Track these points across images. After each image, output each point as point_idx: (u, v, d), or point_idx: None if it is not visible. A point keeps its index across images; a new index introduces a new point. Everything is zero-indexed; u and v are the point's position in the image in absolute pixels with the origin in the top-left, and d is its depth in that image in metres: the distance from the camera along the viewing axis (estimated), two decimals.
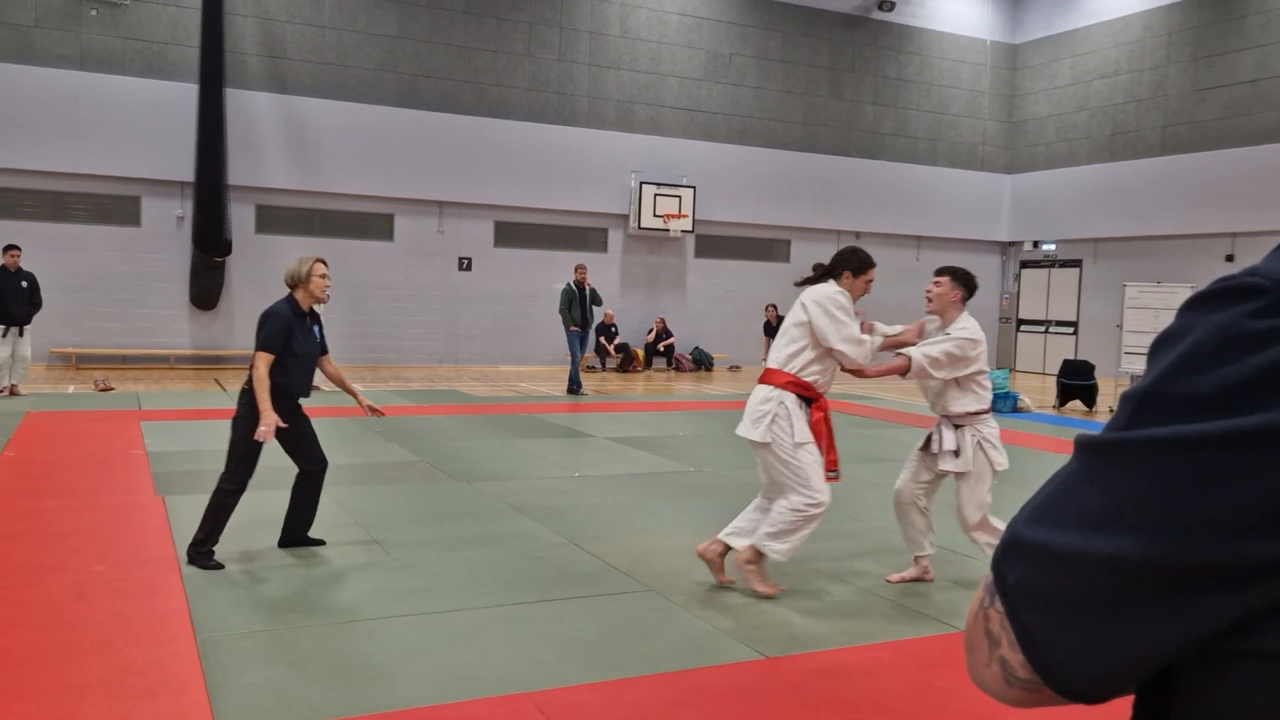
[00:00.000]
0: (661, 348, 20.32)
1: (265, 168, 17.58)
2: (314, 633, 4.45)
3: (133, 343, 17.08)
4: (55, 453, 8.60)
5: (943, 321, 5.45)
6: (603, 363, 19.79)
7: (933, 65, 23.05)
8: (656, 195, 20.05)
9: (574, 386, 15.06)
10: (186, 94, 16.82)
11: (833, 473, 5.08)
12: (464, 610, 4.84)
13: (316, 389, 14.64)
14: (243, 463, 5.45)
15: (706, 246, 21.19)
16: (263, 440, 5.37)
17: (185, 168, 16.89)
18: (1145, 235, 20.70)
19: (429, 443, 9.81)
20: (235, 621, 4.56)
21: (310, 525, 5.85)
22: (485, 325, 19.40)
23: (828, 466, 5.05)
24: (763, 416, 5.06)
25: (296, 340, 5.55)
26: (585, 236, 20.16)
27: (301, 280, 5.68)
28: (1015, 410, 14.38)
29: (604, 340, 19.48)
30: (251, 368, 5.49)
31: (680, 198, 20.24)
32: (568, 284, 15.32)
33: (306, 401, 5.75)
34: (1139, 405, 0.69)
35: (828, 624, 4.82)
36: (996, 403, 14.49)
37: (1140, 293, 19.85)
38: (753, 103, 21.31)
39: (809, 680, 4.10)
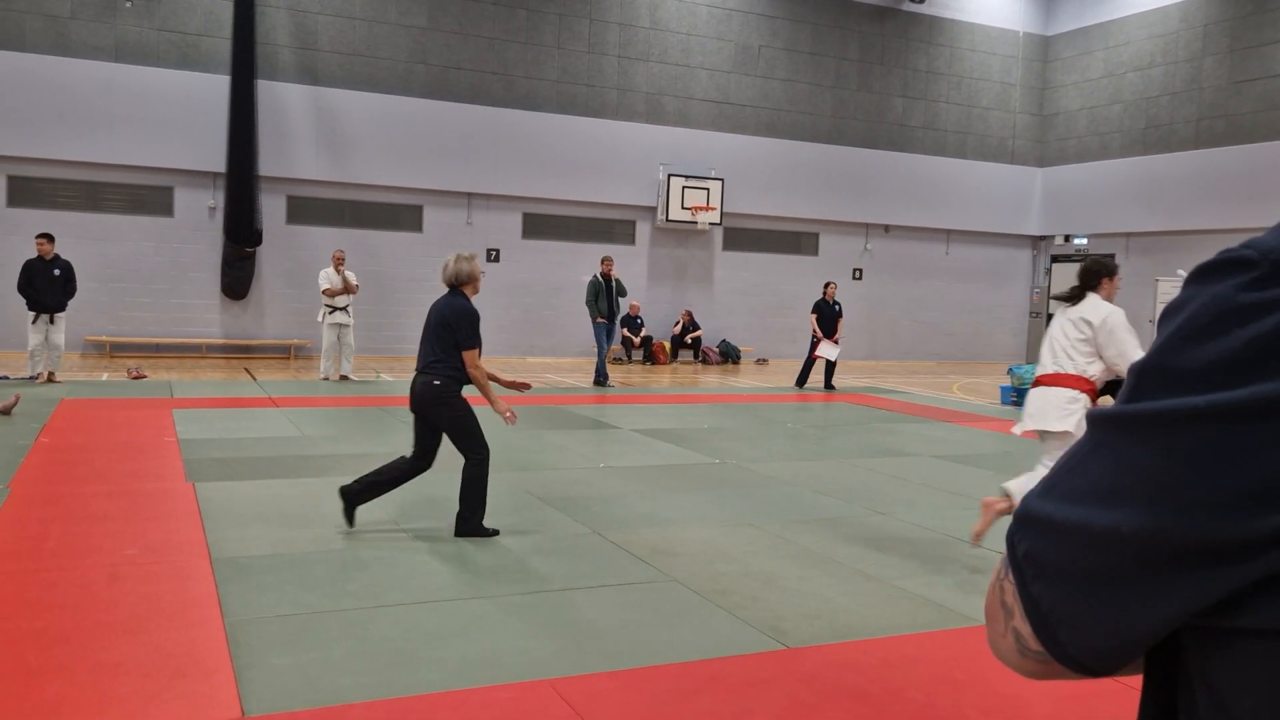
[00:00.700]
0: (688, 340, 20.32)
1: (296, 159, 17.73)
2: (340, 618, 4.51)
3: (165, 332, 17.30)
4: (89, 439, 8.74)
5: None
6: (628, 355, 19.83)
7: (963, 57, 22.87)
8: (685, 188, 20.04)
9: (600, 378, 15.10)
10: (219, 85, 16.98)
11: None
12: (488, 597, 4.89)
13: (345, 378, 14.70)
14: (479, 436, 5.90)
15: (734, 239, 21.16)
16: (513, 422, 6.01)
17: (217, 159, 17.07)
18: (1179, 230, 20.46)
19: None
20: (263, 606, 4.64)
21: (467, 518, 5.99)
22: (513, 316, 19.48)
23: None
24: (1070, 415, 5.47)
25: None
26: (613, 229, 20.18)
27: (471, 279, 6.17)
28: None
29: (628, 332, 19.50)
30: (437, 360, 5.88)
31: (708, 190, 20.22)
32: (594, 276, 15.35)
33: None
34: (1139, 379, 0.71)
35: (850, 616, 4.83)
36: (1026, 398, 14.38)
37: (1173, 287, 19.65)
38: (782, 95, 21.24)
39: (828, 671, 4.11)
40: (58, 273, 12.71)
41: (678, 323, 20.40)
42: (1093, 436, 0.73)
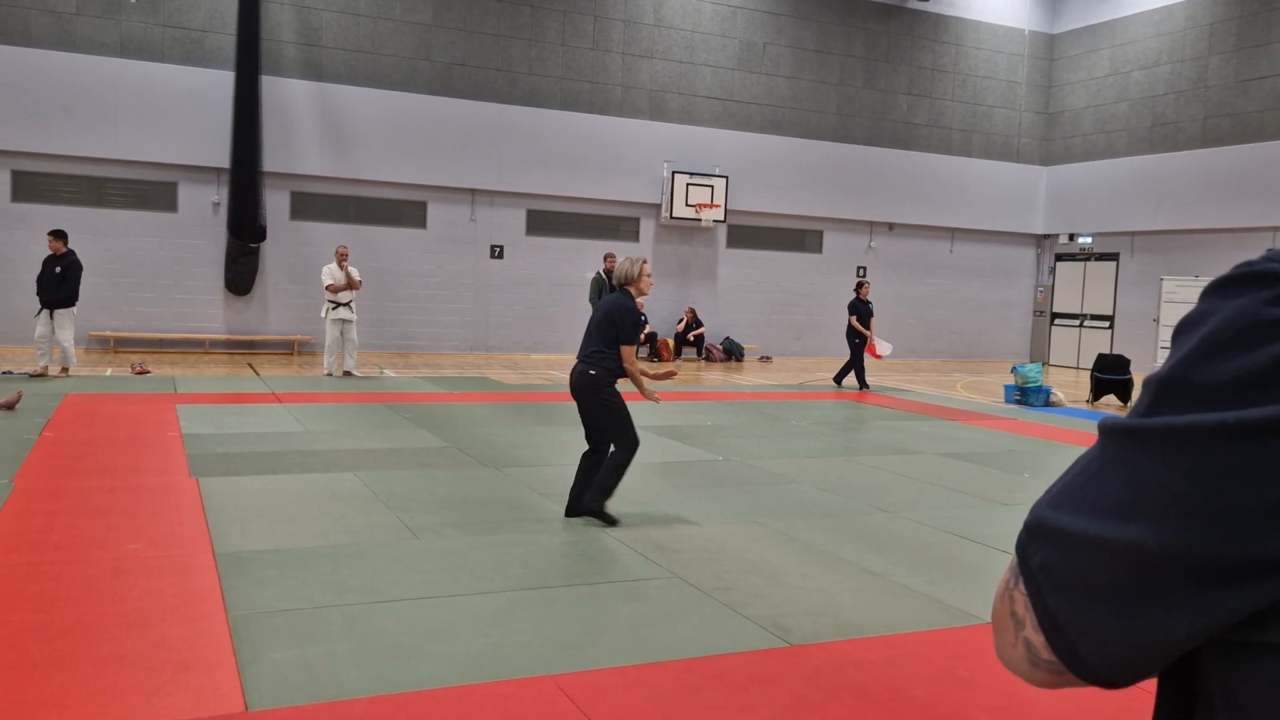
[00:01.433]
0: (691, 337, 20.32)
1: (300, 155, 17.74)
2: (342, 612, 4.51)
3: (169, 327, 17.32)
4: (93, 433, 8.75)
5: None
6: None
7: (969, 55, 22.83)
8: (689, 185, 20.02)
9: None
10: (223, 81, 16.99)
11: None
12: (490, 593, 4.89)
13: (348, 374, 14.70)
14: (630, 429, 6.34)
15: (738, 237, 21.15)
16: (658, 401, 6.71)
17: (221, 154, 17.08)
18: (1184, 229, 20.41)
19: (459, 429, 9.89)
20: (265, 600, 4.64)
21: (596, 497, 6.27)
22: (516, 313, 19.48)
23: None
24: None
25: None
26: (617, 226, 20.17)
27: (634, 279, 6.41)
28: (1048, 404, 14.25)
29: None
30: (597, 351, 6.25)
31: (712, 187, 20.20)
32: (597, 272, 15.34)
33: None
34: (1159, 391, 0.69)
35: (853, 614, 4.82)
36: (1029, 396, 14.38)
37: (1178, 287, 19.62)
38: (786, 93, 21.21)
39: (831, 668, 4.11)
40: (58, 269, 12.78)
41: (681, 320, 20.40)
42: (1108, 447, 0.71)
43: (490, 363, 17.76)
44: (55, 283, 12.74)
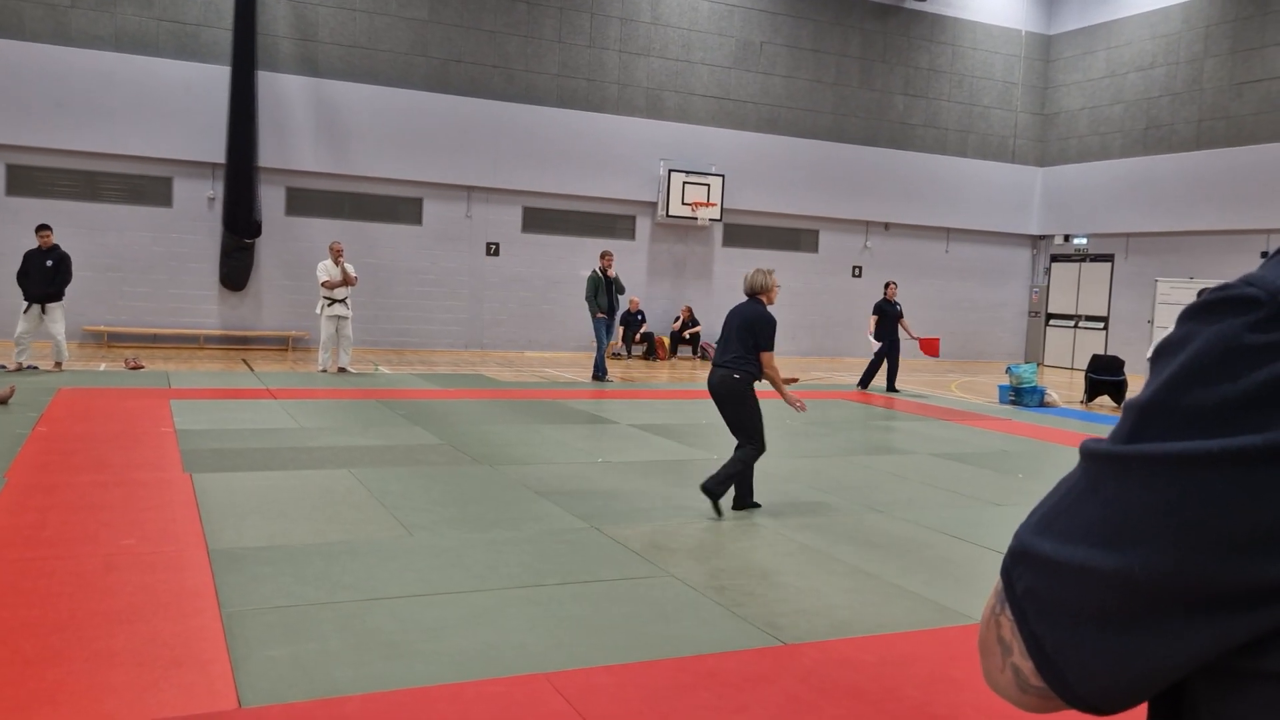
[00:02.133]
0: (687, 336, 20.32)
1: (295, 150, 17.71)
2: (336, 610, 4.51)
3: (163, 322, 17.28)
4: (86, 429, 8.73)
5: None
6: (628, 350, 19.82)
7: (965, 56, 22.86)
8: (685, 183, 20.02)
9: (599, 373, 15.09)
10: (219, 76, 16.95)
11: None
12: (484, 591, 4.89)
13: (343, 370, 14.73)
14: (760, 432, 6.74)
15: (734, 235, 21.15)
16: (803, 410, 7.02)
17: (217, 149, 17.04)
18: (1179, 231, 20.46)
19: (453, 426, 9.88)
20: (259, 597, 4.63)
21: (720, 481, 6.66)
22: (511, 310, 19.47)
23: None
24: None
25: None
26: (613, 223, 20.16)
27: (767, 289, 6.85)
28: (1043, 405, 14.28)
29: (622, 327, 19.46)
30: (737, 356, 6.66)
31: (709, 186, 20.20)
32: (593, 270, 15.33)
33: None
34: (1140, 417, 0.68)
35: (847, 613, 4.83)
36: (1024, 397, 14.40)
37: (1172, 288, 19.68)
38: (783, 92, 21.22)
39: (824, 668, 4.11)
40: (50, 263, 12.69)
41: (677, 318, 20.40)
42: (1090, 473, 0.70)
43: (485, 360, 17.74)
44: (48, 276, 12.66)
